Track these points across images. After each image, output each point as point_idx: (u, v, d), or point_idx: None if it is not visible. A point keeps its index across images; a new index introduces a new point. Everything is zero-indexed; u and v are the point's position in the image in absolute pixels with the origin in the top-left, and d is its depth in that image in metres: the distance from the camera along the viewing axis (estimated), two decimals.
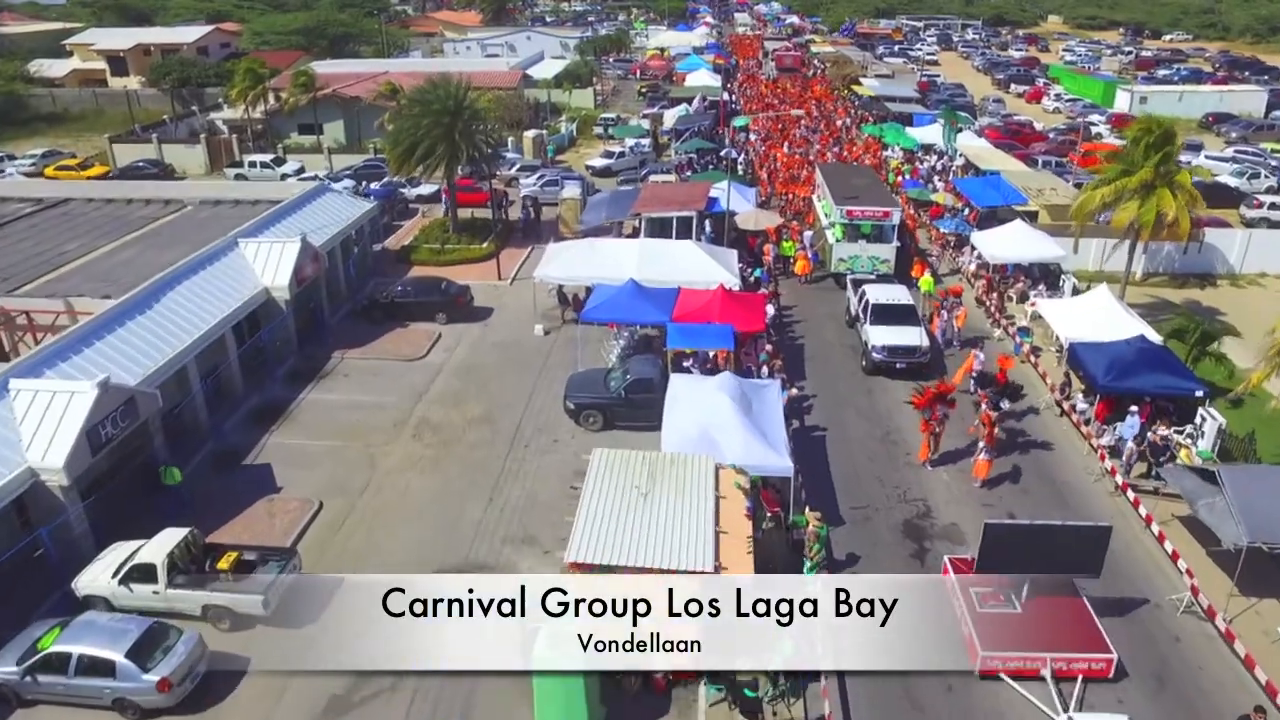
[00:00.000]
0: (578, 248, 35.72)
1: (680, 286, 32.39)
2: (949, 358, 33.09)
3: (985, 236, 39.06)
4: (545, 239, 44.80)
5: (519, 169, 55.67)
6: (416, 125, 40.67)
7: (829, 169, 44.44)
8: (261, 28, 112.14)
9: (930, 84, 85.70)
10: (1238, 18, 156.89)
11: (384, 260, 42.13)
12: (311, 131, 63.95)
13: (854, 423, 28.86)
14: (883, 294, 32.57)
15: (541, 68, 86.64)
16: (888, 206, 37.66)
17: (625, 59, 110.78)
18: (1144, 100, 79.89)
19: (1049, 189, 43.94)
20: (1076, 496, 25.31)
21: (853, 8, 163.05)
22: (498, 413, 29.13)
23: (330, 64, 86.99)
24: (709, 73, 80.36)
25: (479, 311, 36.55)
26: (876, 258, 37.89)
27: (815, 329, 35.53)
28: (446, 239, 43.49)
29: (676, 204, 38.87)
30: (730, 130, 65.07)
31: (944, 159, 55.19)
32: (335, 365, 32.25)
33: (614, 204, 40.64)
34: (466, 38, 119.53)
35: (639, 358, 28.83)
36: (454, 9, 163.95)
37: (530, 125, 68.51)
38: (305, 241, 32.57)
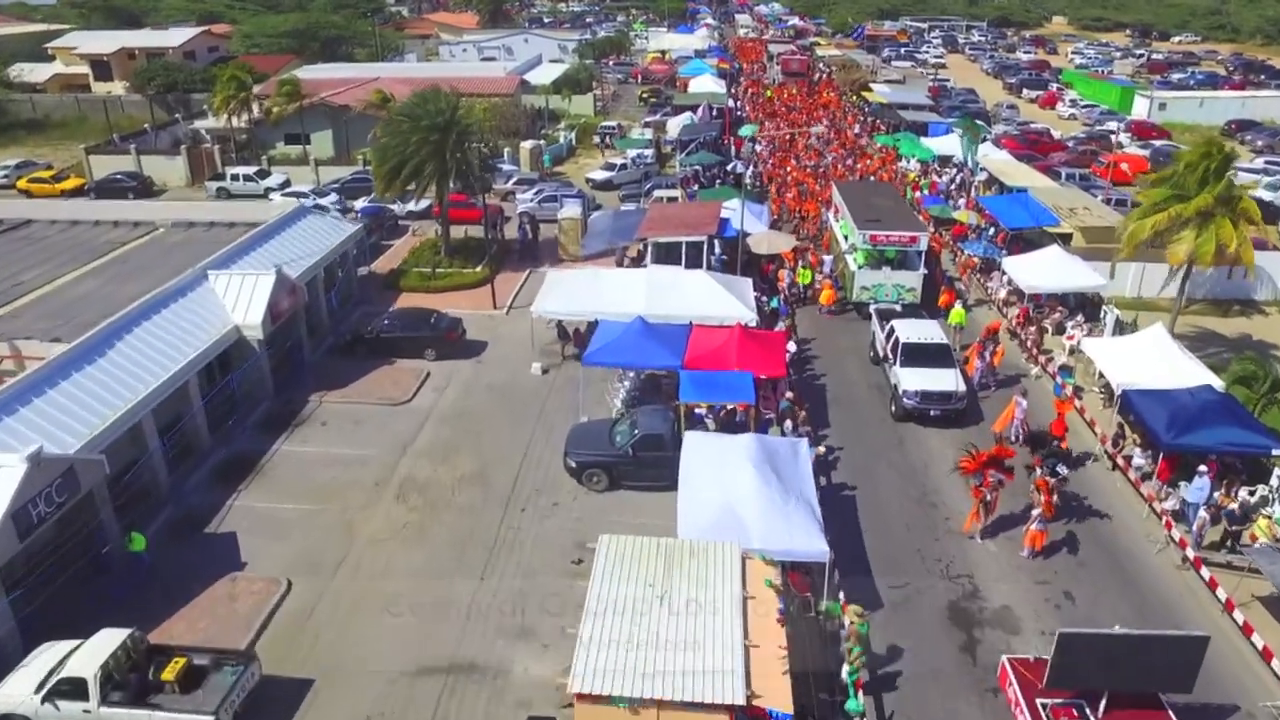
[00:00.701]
0: (579, 278, 32.88)
1: (692, 323, 29.64)
2: (985, 400, 30.28)
3: (1018, 263, 36.24)
4: (543, 261, 42.07)
5: (516, 182, 52.83)
6: (405, 142, 37.78)
7: (847, 188, 41.59)
8: (252, 30, 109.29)
9: (941, 89, 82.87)
10: (1247, 19, 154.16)
11: (371, 286, 39.24)
12: (298, 142, 61.04)
13: (886, 480, 26.02)
14: (913, 331, 29.71)
15: (539, 72, 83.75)
16: (914, 231, 34.81)
17: (625, 62, 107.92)
18: (1164, 107, 77.27)
19: (1081, 208, 41.11)
20: (1139, 570, 22.51)
21: (855, 9, 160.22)
22: (491, 469, 26.26)
23: (321, 69, 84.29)
24: (713, 78, 77.44)
25: (472, 346, 33.69)
26: (902, 286, 35.06)
27: (837, 366, 32.70)
28: (438, 262, 40.62)
29: (686, 227, 36.02)
30: (736, 140, 62.21)
31: (963, 172, 52.35)
32: (313, 411, 29.37)
33: (617, 228, 37.79)
34: (462, 40, 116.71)
35: (647, 409, 25.95)
36: (450, 10, 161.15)
37: (528, 134, 65.68)
38: (281, 274, 29.69)
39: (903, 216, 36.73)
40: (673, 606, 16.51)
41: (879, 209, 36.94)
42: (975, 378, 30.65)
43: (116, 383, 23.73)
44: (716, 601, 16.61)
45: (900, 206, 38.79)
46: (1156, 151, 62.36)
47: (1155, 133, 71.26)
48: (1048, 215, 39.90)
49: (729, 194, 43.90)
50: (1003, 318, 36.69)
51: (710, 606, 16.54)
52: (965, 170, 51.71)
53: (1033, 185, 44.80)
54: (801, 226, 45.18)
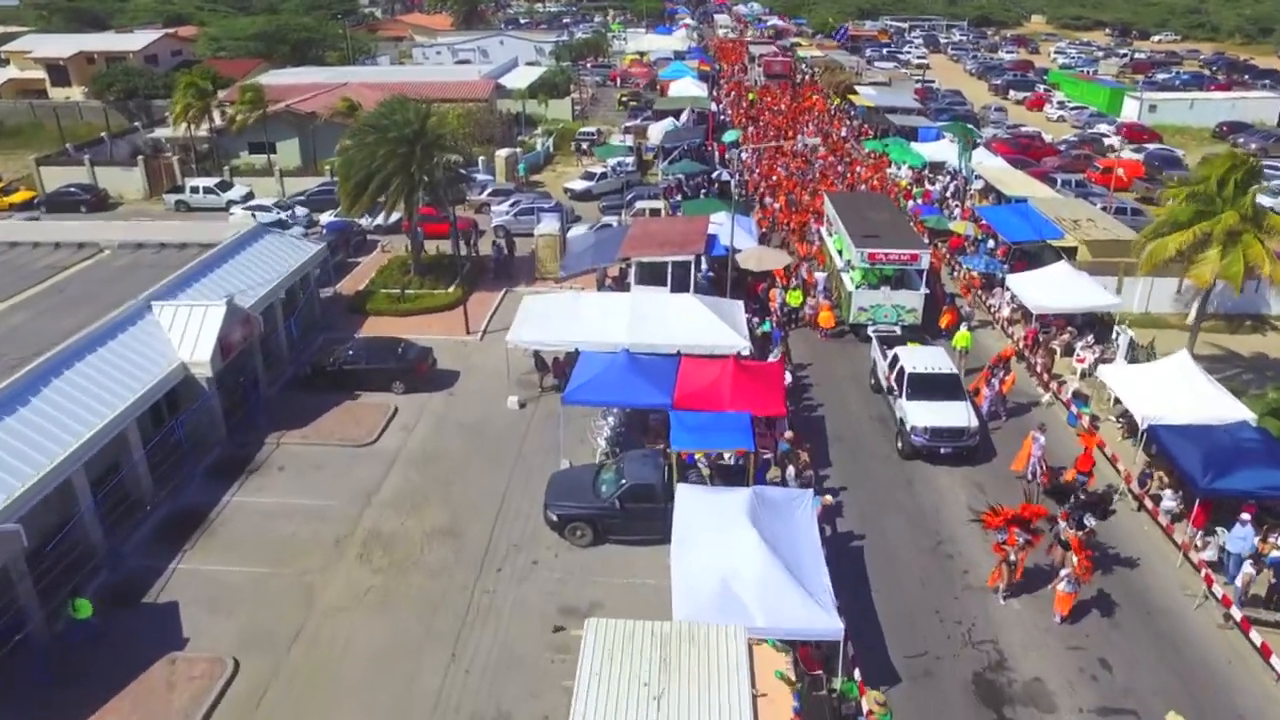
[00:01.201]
0: (557, 303, 30.55)
1: (681, 353, 27.42)
2: (996, 431, 28.21)
3: (1023, 280, 34.24)
4: (520, 280, 39.73)
5: (490, 193, 50.40)
6: (371, 155, 35.31)
7: (840, 199, 39.48)
8: (218, 33, 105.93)
9: (927, 91, 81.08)
10: (1226, 18, 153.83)
11: (335, 310, 36.74)
12: (263, 151, 58.27)
13: (896, 527, 23.87)
14: (920, 360, 27.58)
15: (515, 76, 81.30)
16: (915, 249, 32.72)
17: (604, 64, 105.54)
18: (1154, 109, 75.76)
19: (1085, 219, 39.18)
20: (1179, 630, 20.45)
21: (835, 8, 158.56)
22: (464, 521, 23.88)
23: (289, 73, 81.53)
24: (694, 81, 75.29)
25: (443, 377, 31.29)
26: (901, 307, 32.99)
27: (836, 395, 30.54)
28: (407, 282, 38.16)
29: (671, 246, 33.77)
30: (719, 146, 60.05)
31: (957, 180, 50.40)
32: (270, 454, 26.87)
33: (598, 246, 35.48)
34: (436, 42, 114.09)
35: (635, 455, 23.63)
36: (425, 12, 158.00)
37: (504, 141, 63.25)
38: (233, 304, 27.19)
39: (902, 232, 34.64)
40: (672, 710, 14.24)
41: (876, 223, 34.86)
42: (984, 407, 28.57)
43: (41, 435, 21.17)
44: (722, 704, 14.35)
45: (899, 220, 36.70)
46: (1151, 155, 60.70)
47: (1146, 135, 69.72)
48: (1051, 228, 37.94)
49: (716, 206, 41.74)
50: (1008, 339, 34.70)
51: (715, 709, 14.28)
52: (959, 178, 49.78)
53: (1032, 195, 42.89)
54: (790, 239, 42.97)
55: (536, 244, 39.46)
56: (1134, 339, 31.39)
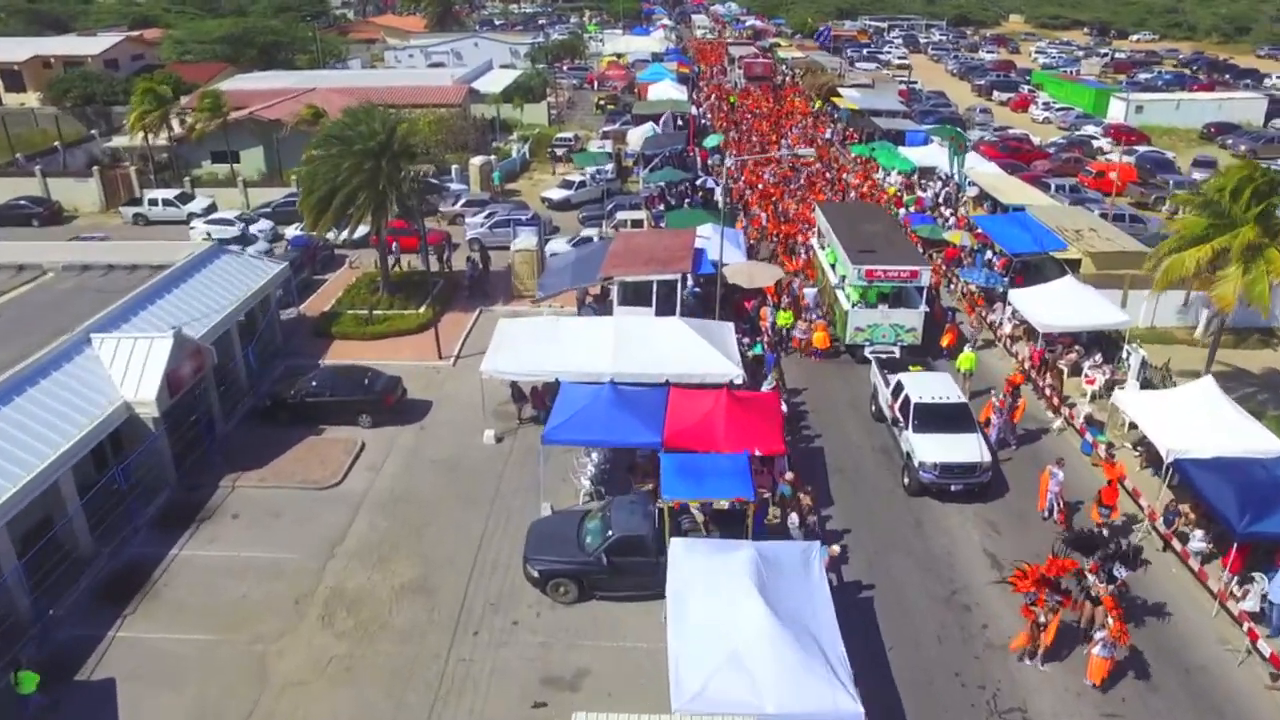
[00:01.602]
0: (535, 328, 28.51)
1: (669, 382, 25.48)
2: (1007, 462, 26.42)
3: (1027, 296, 32.52)
4: (495, 298, 37.65)
5: (464, 204, 48.21)
6: (334, 168, 33.11)
7: (832, 210, 37.62)
8: (183, 36, 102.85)
9: (911, 93, 79.58)
10: (1202, 17, 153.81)
11: (299, 334, 34.47)
12: (226, 160, 55.76)
13: (906, 573, 22.00)
14: (925, 389, 25.71)
15: (489, 79, 79.07)
16: (914, 265, 30.89)
17: (580, 66, 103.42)
18: (1140, 109, 74.63)
19: (1087, 229, 37.54)
20: (1223, 692, 18.70)
21: (814, 8, 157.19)
22: (437, 575, 21.79)
23: (256, 78, 79.03)
24: (674, 84, 73.31)
25: (414, 408, 29.16)
26: (901, 326, 31.18)
27: (834, 423, 28.67)
28: (375, 302, 35.98)
29: (656, 262, 31.78)
30: (701, 152, 58.15)
31: (949, 186, 48.77)
32: (224, 499, 24.65)
33: (579, 264, 33.41)
34: (409, 45, 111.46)
35: (623, 502, 21.57)
36: (397, 13, 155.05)
37: (478, 148, 61.05)
38: (181, 336, 24.95)
39: (900, 247, 32.80)
40: None
41: (872, 237, 33.03)
42: (993, 435, 26.79)
43: None
44: None
45: (895, 234, 34.86)
46: (1143, 158, 59.40)
47: (1134, 137, 68.48)
48: (1053, 239, 36.26)
49: (701, 217, 39.83)
50: (1011, 357, 33.01)
51: None
52: (951, 184, 48.14)
53: (1030, 202, 41.23)
54: (778, 253, 41.05)
55: (513, 260, 37.38)
56: (1146, 359, 29.72)
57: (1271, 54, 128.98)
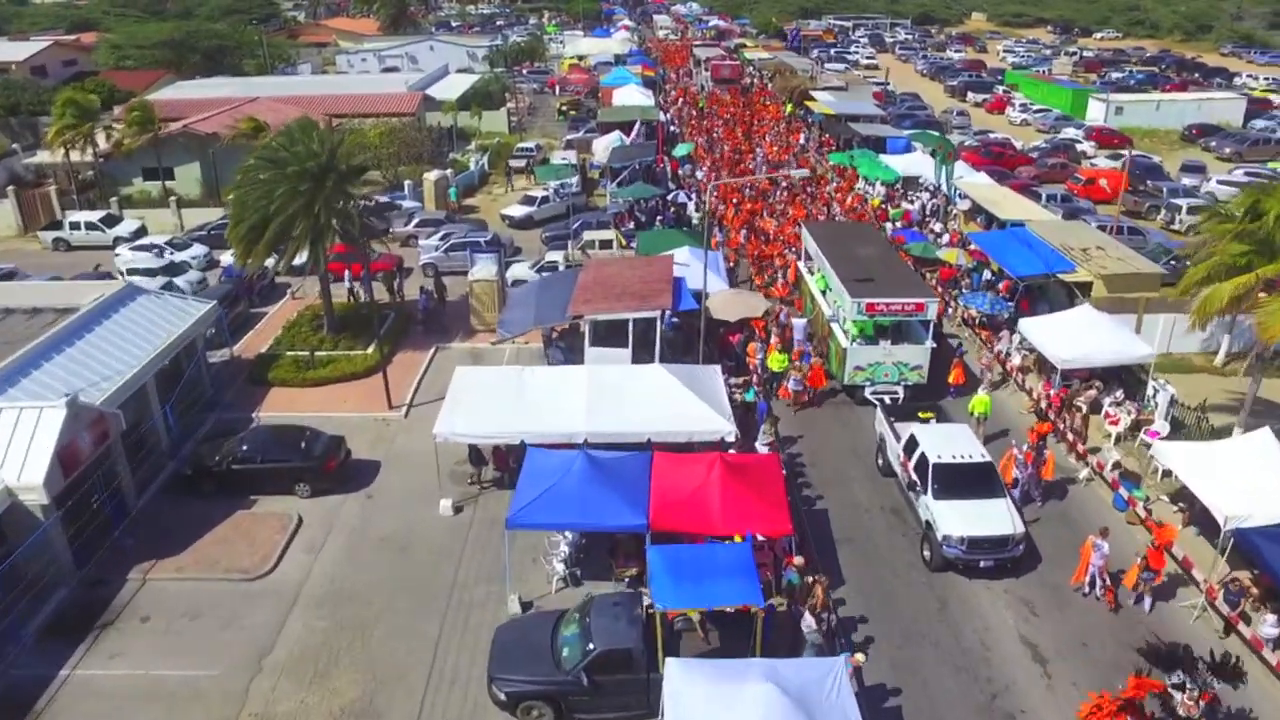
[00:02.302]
0: (496, 380, 25.02)
1: (651, 443, 22.21)
2: (1033, 523, 23.34)
3: (1039, 326, 29.66)
4: (453, 333, 34.13)
5: (418, 223, 44.50)
6: (267, 195, 29.35)
7: (821, 231, 34.44)
8: (121, 40, 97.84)
9: (885, 95, 76.89)
10: (1164, 16, 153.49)
11: (231, 381, 30.68)
12: (158, 177, 51.46)
13: (937, 675, 18.81)
14: (944, 446, 22.56)
15: (445, 85, 75.23)
16: (920, 296, 27.78)
17: (541, 70, 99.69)
18: (1120, 111, 72.57)
19: (1094, 247, 34.73)
20: None
21: (777, 8, 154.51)
22: (385, 694, 18.23)
23: (197, 85, 74.73)
24: (639, 89, 69.92)
25: (360, 471, 25.55)
26: (905, 364, 28.10)
27: (836, 479, 25.48)
28: (318, 342, 32.27)
29: (632, 297, 28.38)
30: (671, 162, 54.89)
31: (937, 197, 45.92)
32: (133, 596, 20.90)
33: (544, 298, 29.90)
34: (362, 48, 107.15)
35: (605, 605, 18.08)
36: (350, 16, 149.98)
37: (434, 159, 57.27)
38: (76, 404, 21.16)
39: (901, 275, 29.70)
40: None
41: (868, 264, 29.91)
42: (1015, 491, 23.72)
43: None
44: None
45: (893, 259, 31.75)
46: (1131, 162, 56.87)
47: (1117, 139, 66.34)
48: (1060, 259, 33.42)
49: (676, 239, 36.54)
50: (1022, 391, 30.09)
51: None
52: (940, 195, 45.28)
53: (1028, 217, 38.40)
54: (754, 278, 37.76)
55: (471, 290, 33.80)
56: (1175, 396, 26.92)
57: (1235, 52, 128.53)
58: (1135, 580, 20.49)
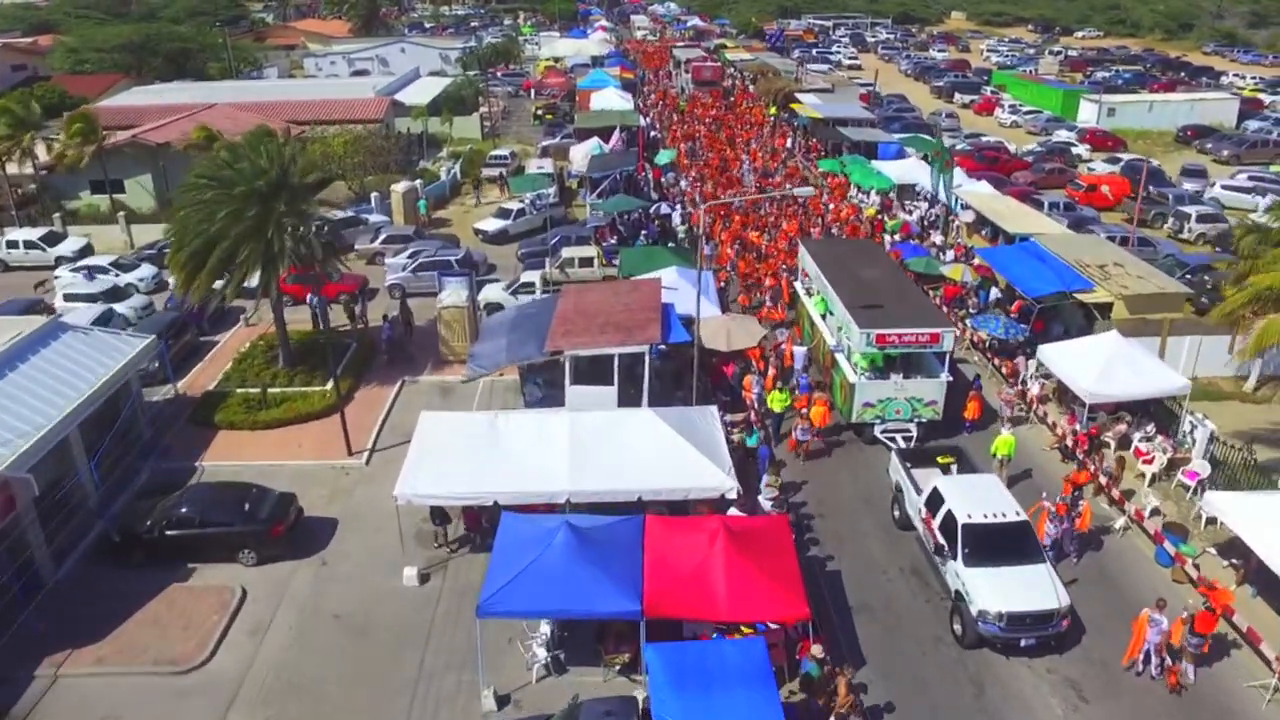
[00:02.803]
0: (466, 428, 22.20)
1: (643, 501, 19.55)
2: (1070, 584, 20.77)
3: (1061, 355, 27.25)
4: (421, 364, 31.31)
5: (384, 240, 41.55)
6: (208, 217, 26.40)
7: (820, 251, 31.76)
8: (78, 43, 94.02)
9: (872, 97, 74.53)
10: (1144, 15, 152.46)
11: (174, 422, 27.67)
12: (113, 190, 48.19)
13: None
14: (973, 502, 19.95)
15: (416, 89, 72.12)
16: (935, 326, 25.18)
17: (516, 72, 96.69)
18: (1112, 112, 70.62)
19: (1112, 264, 32.30)
20: None
21: (756, 7, 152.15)
22: None
23: (155, 91, 71.40)
24: (618, 92, 67.18)
25: (313, 533, 22.67)
26: (919, 400, 25.54)
27: (848, 533, 22.86)
28: (272, 376, 29.35)
29: (616, 329, 25.62)
30: (654, 170, 52.22)
31: (935, 207, 43.49)
32: (41, 697, 17.94)
33: (520, 330, 27.05)
34: (331, 51, 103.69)
35: (595, 711, 15.42)
36: (320, 18, 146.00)
37: (403, 167, 54.31)
38: None
39: (914, 301, 27.07)
40: None
41: (875, 288, 27.31)
42: (1047, 543, 21.19)
43: None
44: None
45: (902, 282, 29.11)
46: (1131, 168, 54.73)
47: (1111, 142, 64.35)
48: (1076, 277, 31.00)
49: (662, 258, 33.84)
50: (1041, 423, 27.64)
51: None
52: (939, 205, 42.85)
53: (1038, 231, 35.96)
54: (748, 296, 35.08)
55: (440, 317, 30.95)
56: (1215, 432, 24.54)
57: (1218, 51, 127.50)
58: (1180, 640, 18.03)
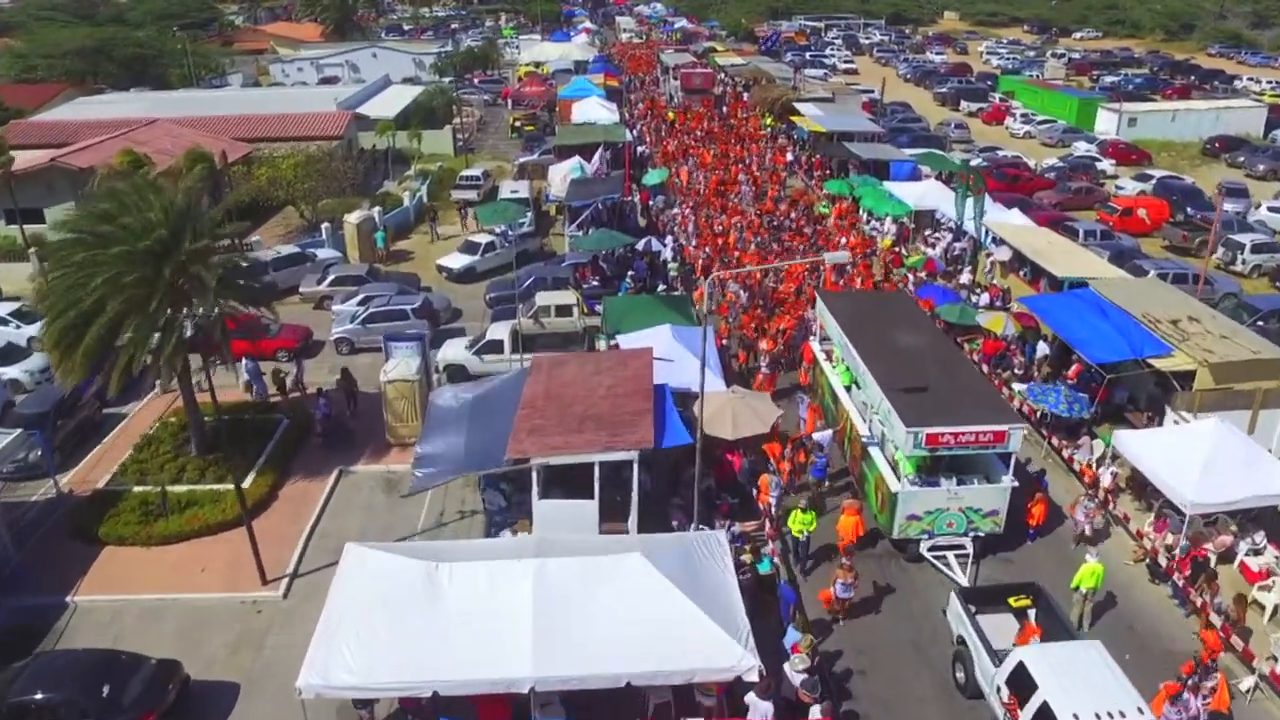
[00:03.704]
0: (401, 579, 16.75)
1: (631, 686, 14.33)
2: None
3: (1144, 446, 22.16)
4: (362, 449, 25.96)
5: (334, 281, 36.17)
6: (83, 284, 20.96)
7: (842, 306, 26.37)
8: (26, 48, 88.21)
9: (874, 105, 69.41)
10: (1144, 15, 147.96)
11: (52, 530, 22.26)
12: (32, 219, 42.63)
13: None
14: (1076, 689, 14.65)
15: (384, 100, 66.70)
16: (1001, 423, 19.90)
17: (494, 79, 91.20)
18: (1133, 122, 65.75)
19: (1186, 318, 27.17)
20: None
21: (745, 8, 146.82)
22: None
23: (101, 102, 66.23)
24: (602, 102, 61.81)
25: (204, 706, 17.36)
26: (977, 511, 20.38)
27: (897, 700, 17.63)
28: (181, 468, 24.00)
29: (597, 426, 20.24)
30: (641, 192, 46.92)
31: (963, 240, 38.38)
32: None
33: (477, 425, 21.66)
34: (299, 56, 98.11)
35: None
36: (294, 20, 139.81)
37: (363, 189, 48.92)
38: None
39: (969, 385, 21.70)
40: None
41: (918, 363, 22.10)
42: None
43: None
44: None
45: (950, 354, 23.63)
46: (1164, 187, 49.90)
47: (1135, 155, 59.50)
48: (1147, 337, 25.85)
49: (653, 312, 28.49)
50: (1128, 534, 22.53)
51: None
52: (967, 239, 37.72)
53: (1092, 275, 30.80)
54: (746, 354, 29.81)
55: (384, 394, 25.58)
56: None
57: (1224, 52, 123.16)
58: None
